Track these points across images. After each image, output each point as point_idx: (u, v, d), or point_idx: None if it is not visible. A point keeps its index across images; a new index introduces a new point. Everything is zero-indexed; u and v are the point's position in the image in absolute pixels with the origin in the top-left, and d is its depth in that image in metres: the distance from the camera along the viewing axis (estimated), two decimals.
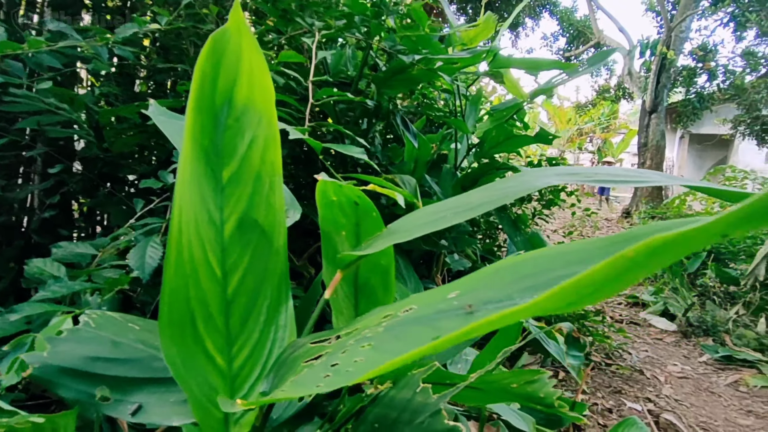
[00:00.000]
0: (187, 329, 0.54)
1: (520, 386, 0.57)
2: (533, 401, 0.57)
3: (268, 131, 0.62)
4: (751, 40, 10.62)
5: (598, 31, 12.05)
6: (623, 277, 0.25)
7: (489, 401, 0.67)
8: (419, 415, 0.55)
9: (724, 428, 2.36)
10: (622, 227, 8.61)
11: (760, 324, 3.62)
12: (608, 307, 4.33)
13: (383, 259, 0.71)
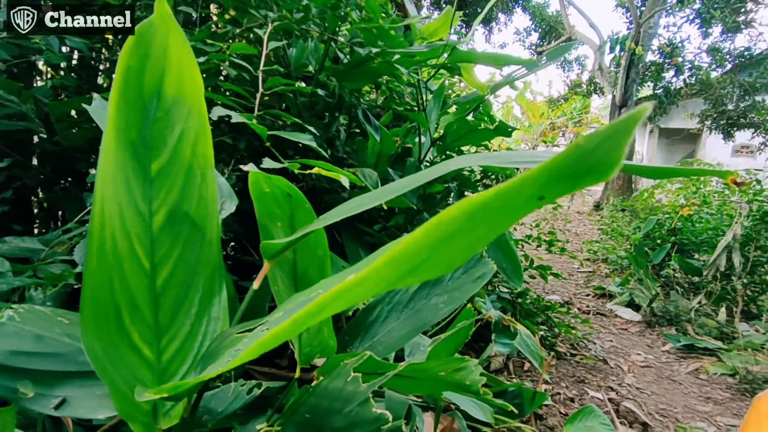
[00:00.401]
0: (112, 322, 0.54)
1: (448, 374, 0.58)
2: (461, 388, 0.58)
3: (198, 123, 0.61)
4: (716, 36, 10.92)
5: (570, 27, 12.22)
6: (449, 244, 0.25)
7: (421, 390, 0.68)
8: (349, 404, 0.56)
9: (682, 415, 2.44)
10: (592, 220, 8.79)
11: (720, 313, 3.74)
12: (576, 299, 4.42)
13: (319, 250, 0.72)
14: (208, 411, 0.80)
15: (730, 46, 11.03)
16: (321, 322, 0.76)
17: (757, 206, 3.92)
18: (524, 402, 1.90)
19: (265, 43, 1.17)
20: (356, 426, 0.54)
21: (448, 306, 0.95)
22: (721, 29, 10.54)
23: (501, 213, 0.24)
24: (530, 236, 3.26)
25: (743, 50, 10.94)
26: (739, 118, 11.16)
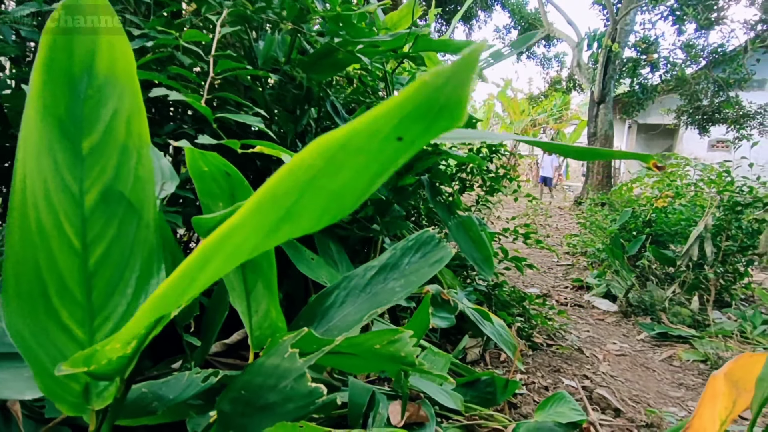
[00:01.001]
0: (38, 301, 0.53)
1: (383, 347, 0.58)
2: (397, 361, 0.58)
3: (133, 102, 0.61)
4: (691, 33, 11.12)
5: (548, 24, 12.34)
6: (316, 187, 0.25)
7: (363, 368, 0.67)
8: (284, 380, 0.56)
9: (655, 400, 2.48)
10: (572, 215, 8.88)
11: (693, 302, 3.81)
12: (555, 291, 4.46)
13: None
14: (159, 397, 0.79)
15: (704, 43, 11.24)
16: (268, 303, 0.75)
17: (728, 197, 4.00)
18: (497, 391, 1.91)
19: (218, 28, 1.16)
20: (290, 400, 0.54)
21: (404, 290, 0.95)
22: (695, 26, 10.74)
23: (363, 155, 0.24)
24: (507, 229, 3.28)
25: (717, 47, 11.16)
26: (714, 113, 11.38)
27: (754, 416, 1.08)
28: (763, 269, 5.52)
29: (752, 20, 10.43)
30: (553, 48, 13.65)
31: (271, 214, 0.26)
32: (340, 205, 0.26)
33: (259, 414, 0.55)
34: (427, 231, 1.05)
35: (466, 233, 1.99)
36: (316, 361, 0.74)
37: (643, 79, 11.17)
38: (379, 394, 1.19)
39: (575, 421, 1.77)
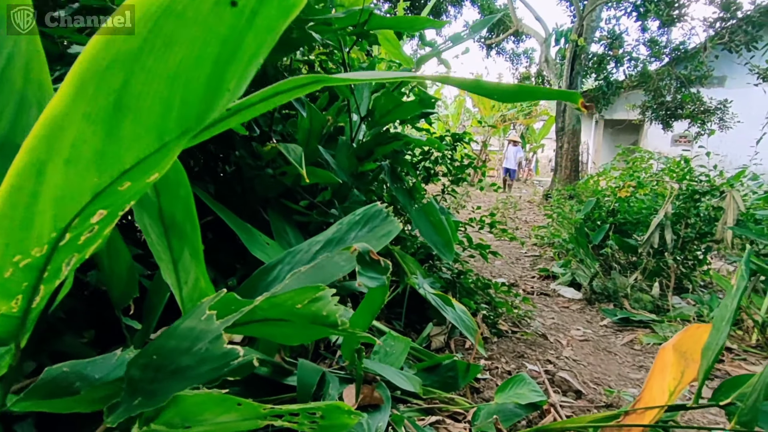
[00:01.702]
0: None
1: (305, 306, 0.55)
2: (319, 321, 0.55)
3: (30, 47, 0.56)
4: (654, 30, 11.40)
5: (517, 20, 12.48)
6: (140, 66, 0.22)
7: (290, 338, 0.64)
8: (199, 342, 0.52)
9: (615, 382, 2.51)
10: (541, 209, 9.00)
11: (654, 288, 3.90)
12: (522, 281, 4.51)
13: (182, 190, 0.67)
14: (82, 377, 0.74)
15: (666, 40, 11.54)
16: (197, 272, 0.71)
17: (686, 185, 4.10)
18: (458, 375, 1.91)
19: None
20: (204, 363, 0.51)
21: (350, 263, 0.92)
22: (658, 23, 11.01)
23: (195, 25, 0.21)
24: (473, 219, 3.28)
25: (678, 44, 11.47)
26: (676, 109, 11.69)
27: (700, 384, 1.09)
28: (721, 257, 5.70)
29: (711, 18, 10.74)
30: (522, 44, 13.83)
31: (100, 97, 0.22)
32: (185, 98, 0.23)
33: (170, 378, 0.52)
34: (375, 205, 1.03)
35: (427, 218, 1.97)
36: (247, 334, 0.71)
37: (609, 74, 11.40)
38: (330, 376, 1.17)
39: (535, 402, 1.78)
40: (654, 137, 14.96)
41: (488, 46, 13.46)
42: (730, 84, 14.46)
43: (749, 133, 8.98)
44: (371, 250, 0.70)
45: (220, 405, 0.80)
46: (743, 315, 3.23)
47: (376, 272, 0.70)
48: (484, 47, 13.60)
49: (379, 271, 0.70)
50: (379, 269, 0.70)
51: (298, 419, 0.80)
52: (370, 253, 0.70)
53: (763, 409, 1.04)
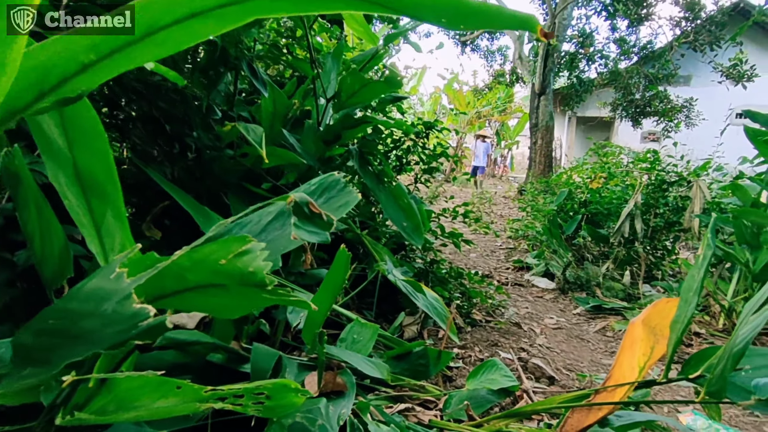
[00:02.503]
0: None
1: (230, 261, 0.49)
2: (245, 281, 0.49)
3: None
4: (623, 29, 11.61)
5: None
6: None
7: (223, 308, 0.57)
8: (105, 303, 0.45)
9: (588, 368, 2.51)
10: (516, 203, 9.07)
11: (625, 276, 3.94)
12: (497, 272, 4.50)
13: (98, 142, 0.60)
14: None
15: (635, 39, 11.77)
16: (123, 237, 0.64)
17: (655, 176, 4.15)
18: (430, 362, 1.86)
19: None
20: (109, 325, 0.44)
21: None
22: (627, 22, 11.21)
23: None
24: (446, 209, 3.25)
25: (646, 43, 11.72)
26: (645, 106, 11.95)
27: (669, 358, 1.06)
28: (689, 249, 5.81)
29: (677, 17, 11.00)
30: (496, 41, 13.90)
31: None
32: None
33: (70, 344, 0.45)
34: (332, 174, 0.97)
35: (396, 202, 1.92)
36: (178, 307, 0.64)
37: (581, 72, 11.57)
38: (288, 360, 1.10)
39: (507, 388, 1.74)
40: (624, 134, 15.26)
41: (463, 42, 13.50)
42: (695, 82, 14.88)
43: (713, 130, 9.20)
44: (310, 201, 0.64)
45: (158, 388, 0.73)
46: (710, 300, 3.28)
47: (316, 226, 0.64)
48: (458, 44, 13.64)
49: (321, 225, 0.64)
50: (320, 223, 0.64)
51: (243, 401, 0.74)
52: (309, 204, 0.64)
53: (731, 380, 1.02)
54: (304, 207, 0.63)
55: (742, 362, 1.08)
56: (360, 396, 1.41)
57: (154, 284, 0.58)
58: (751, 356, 1.10)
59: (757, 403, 0.93)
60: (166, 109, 1.81)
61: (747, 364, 1.08)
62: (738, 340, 0.94)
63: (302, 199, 0.63)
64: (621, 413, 1.34)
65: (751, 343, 0.93)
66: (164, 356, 1.06)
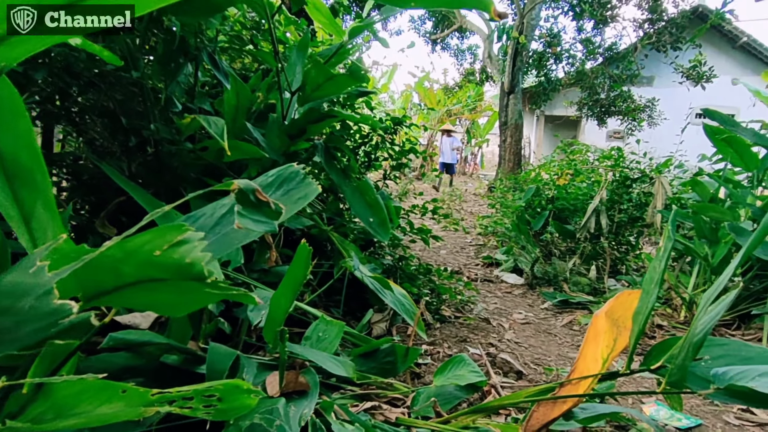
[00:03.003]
0: None
1: (165, 253, 0.45)
2: (182, 274, 0.45)
3: None
4: (589, 30, 11.85)
5: (461, 16, 12.64)
6: None
7: (166, 306, 0.53)
8: (24, 299, 0.41)
9: (555, 362, 2.53)
10: (486, 200, 9.15)
11: (591, 271, 4.01)
12: (466, 269, 4.52)
13: (21, 123, 0.55)
14: None
15: (600, 40, 12.03)
16: (54, 230, 0.59)
17: (619, 172, 4.25)
18: (397, 360, 1.84)
19: None
20: (27, 323, 0.40)
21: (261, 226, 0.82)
22: (593, 23, 11.45)
23: None
24: (415, 206, 3.23)
25: (611, 44, 11.99)
26: (610, 106, 12.22)
27: (631, 349, 1.06)
28: (652, 244, 5.97)
29: (640, 19, 11.29)
30: (466, 40, 14.00)
31: None
32: None
33: None
34: (291, 166, 0.93)
35: (362, 197, 1.89)
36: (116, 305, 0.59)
37: (549, 71, 11.75)
38: (247, 360, 1.06)
39: (475, 384, 1.73)
40: (591, 133, 15.61)
41: (433, 41, 13.55)
42: (657, 83, 15.33)
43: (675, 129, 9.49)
44: (257, 188, 0.60)
45: (100, 393, 0.69)
46: (672, 294, 3.36)
47: (263, 215, 0.60)
48: (429, 42, 13.68)
49: (269, 214, 0.60)
50: (268, 212, 0.60)
51: (193, 403, 0.70)
52: (256, 192, 0.60)
53: (691, 370, 1.03)
54: (250, 194, 0.60)
55: (701, 353, 1.09)
56: (324, 395, 1.37)
57: (90, 280, 0.53)
58: (710, 346, 1.11)
59: (716, 392, 0.94)
60: (123, 101, 1.73)
61: (706, 354, 1.10)
62: (697, 331, 0.95)
63: (247, 186, 0.59)
64: (585, 406, 1.35)
65: (709, 333, 0.94)
66: (114, 359, 1.01)
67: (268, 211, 0.61)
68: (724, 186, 3.10)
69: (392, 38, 15.77)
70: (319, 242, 2.41)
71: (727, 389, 0.91)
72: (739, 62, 15.09)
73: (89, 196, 1.85)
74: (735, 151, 3.05)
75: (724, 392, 0.93)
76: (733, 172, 3.48)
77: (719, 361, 1.07)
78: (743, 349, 1.09)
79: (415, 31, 13.78)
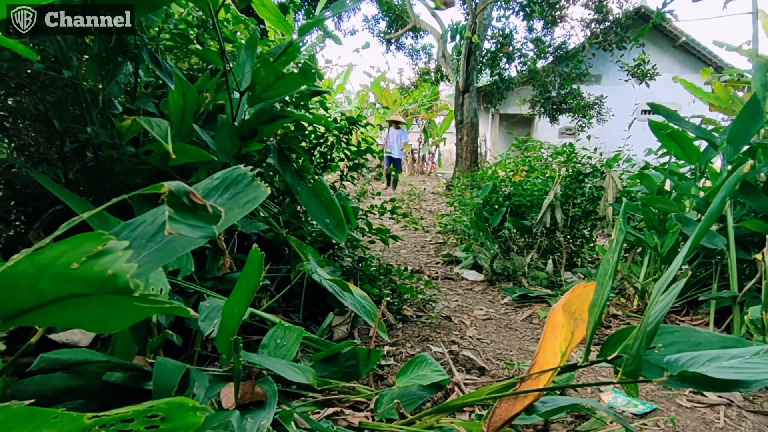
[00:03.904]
0: None
1: (84, 265, 0.41)
2: (105, 287, 0.41)
3: None
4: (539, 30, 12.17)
5: (414, 16, 12.73)
6: None
7: (94, 320, 0.48)
8: None
9: (517, 356, 2.56)
10: (445, 199, 9.24)
11: (548, 265, 4.10)
12: (426, 267, 4.54)
13: None
14: None
15: (550, 40, 12.38)
16: None
17: (571, 168, 4.36)
18: (360, 363, 1.81)
19: None
20: None
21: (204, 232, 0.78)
22: (543, 23, 11.77)
23: None
24: (373, 206, 3.21)
25: (561, 44, 12.35)
26: (561, 104, 12.59)
27: (588, 341, 1.07)
28: (605, 237, 6.17)
29: (587, 19, 11.69)
30: (421, 40, 14.11)
31: None
32: None
33: None
34: (238, 168, 0.88)
35: (318, 198, 1.85)
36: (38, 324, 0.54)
37: (502, 70, 12.00)
38: (198, 373, 1.00)
39: (438, 382, 1.72)
40: (544, 130, 16.05)
41: (388, 41, 13.58)
42: (605, 81, 15.94)
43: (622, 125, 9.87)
44: (191, 191, 0.56)
45: (29, 420, 0.62)
46: (625, 284, 3.47)
47: (200, 220, 0.56)
48: (384, 42, 13.70)
49: (206, 218, 0.56)
50: (204, 216, 0.56)
51: (133, 426, 0.64)
52: (190, 194, 0.56)
53: (645, 359, 1.05)
54: (183, 197, 0.55)
55: (654, 341, 1.11)
56: (284, 404, 1.33)
57: (6, 298, 0.48)
58: (662, 334, 1.14)
59: (669, 379, 0.96)
60: (56, 103, 1.63)
61: (659, 341, 1.12)
62: (650, 320, 0.96)
63: (179, 188, 0.55)
64: (546, 399, 1.36)
65: (661, 322, 0.96)
66: (50, 380, 0.93)
67: (204, 215, 0.56)
68: (670, 178, 3.23)
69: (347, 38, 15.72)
70: (276, 246, 2.35)
71: (680, 376, 0.93)
72: (679, 61, 15.87)
73: (24, 206, 1.73)
74: (678, 145, 3.18)
75: (677, 379, 0.95)
76: (678, 165, 3.63)
77: (671, 348, 1.09)
78: (692, 335, 1.12)
79: (369, 31, 13.78)
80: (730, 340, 1.07)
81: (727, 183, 1.18)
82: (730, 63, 14.72)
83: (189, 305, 1.51)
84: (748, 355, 0.92)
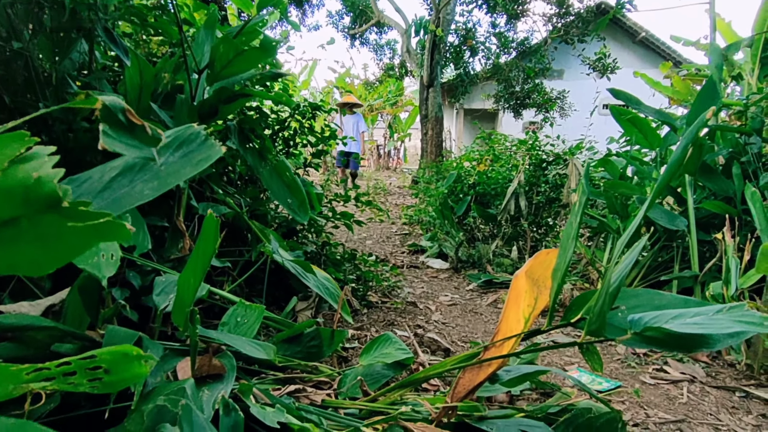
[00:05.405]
0: None
1: (5, 172, 0.37)
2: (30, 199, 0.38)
3: None
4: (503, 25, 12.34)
5: (378, 11, 12.69)
6: None
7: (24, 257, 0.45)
8: None
9: (482, 338, 2.59)
10: (411, 192, 9.28)
11: (513, 252, 4.17)
12: (392, 257, 4.55)
13: None
14: None
15: (513, 35, 12.57)
16: None
17: (535, 155, 4.45)
18: (323, 343, 1.79)
19: None
20: None
21: (156, 191, 0.74)
22: (506, 17, 11.94)
23: None
24: (338, 195, 3.18)
25: (524, 39, 12.57)
26: (525, 98, 12.82)
27: (552, 305, 1.09)
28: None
29: (549, 14, 11.93)
30: (385, 35, 14.08)
31: None
32: None
33: None
34: (191, 126, 0.85)
35: (280, 178, 1.81)
36: None
37: (466, 64, 12.11)
38: (152, 343, 0.97)
39: (402, 361, 1.72)
40: (508, 125, 16.30)
41: (352, 36, 13.50)
42: (567, 76, 16.32)
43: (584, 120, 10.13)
44: (128, 108, 0.53)
45: None
46: (589, 269, 3.56)
47: (137, 140, 0.53)
48: (348, 37, 13.61)
49: (143, 139, 0.53)
50: (142, 136, 0.53)
51: (75, 378, 0.61)
52: (126, 112, 0.53)
53: (609, 321, 1.07)
54: (119, 114, 0.52)
55: (617, 304, 1.14)
56: (244, 380, 1.30)
57: None
58: (625, 298, 1.16)
59: (632, 337, 0.97)
60: (5, 78, 1.55)
61: (622, 304, 1.15)
62: (612, 281, 0.98)
63: (115, 104, 0.52)
64: (510, 368, 1.37)
65: (624, 283, 0.98)
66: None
67: (142, 136, 0.53)
68: (632, 163, 3.32)
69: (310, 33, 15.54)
70: (238, 231, 2.30)
71: (643, 333, 0.95)
72: (639, 56, 16.38)
73: None
74: (639, 131, 3.27)
75: (641, 338, 0.97)
76: (639, 152, 3.74)
77: (635, 310, 1.11)
78: (656, 297, 1.14)
79: (333, 26, 13.65)
80: (693, 302, 1.10)
81: (689, 130, 1.20)
82: (688, 58, 15.34)
83: (146, 284, 1.46)
84: (711, 312, 0.93)
